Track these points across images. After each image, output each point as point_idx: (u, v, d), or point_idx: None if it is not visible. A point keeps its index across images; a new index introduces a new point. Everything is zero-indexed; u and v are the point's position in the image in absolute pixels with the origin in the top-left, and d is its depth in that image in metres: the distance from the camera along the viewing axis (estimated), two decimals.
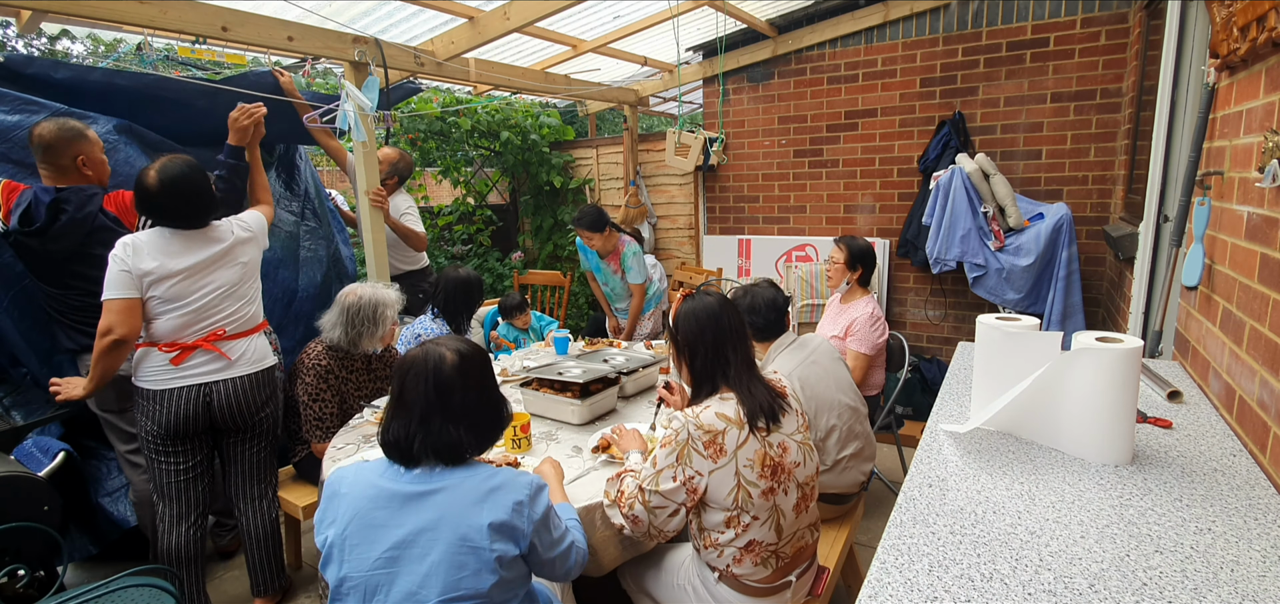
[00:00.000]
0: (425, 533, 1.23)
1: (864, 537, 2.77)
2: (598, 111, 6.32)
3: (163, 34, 3.09)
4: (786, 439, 1.52)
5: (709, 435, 1.45)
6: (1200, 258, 1.72)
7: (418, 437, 1.26)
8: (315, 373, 2.30)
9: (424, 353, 1.31)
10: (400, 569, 1.23)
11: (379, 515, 1.25)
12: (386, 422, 1.31)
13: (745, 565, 1.52)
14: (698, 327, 1.57)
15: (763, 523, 1.49)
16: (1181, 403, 1.63)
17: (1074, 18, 3.64)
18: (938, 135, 4.01)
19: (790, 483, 1.52)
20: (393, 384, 1.32)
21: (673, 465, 1.46)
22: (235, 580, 2.64)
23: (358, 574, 1.24)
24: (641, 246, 4.16)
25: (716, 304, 1.60)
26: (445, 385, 1.28)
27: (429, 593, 1.21)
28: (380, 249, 3.23)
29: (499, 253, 6.15)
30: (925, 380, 4.08)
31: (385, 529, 1.24)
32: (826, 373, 2.12)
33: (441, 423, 1.27)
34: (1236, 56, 1.49)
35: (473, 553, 1.23)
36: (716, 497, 1.47)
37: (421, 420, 1.26)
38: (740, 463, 1.45)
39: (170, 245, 2.05)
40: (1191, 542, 1.04)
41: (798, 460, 1.54)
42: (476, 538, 1.23)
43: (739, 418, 1.47)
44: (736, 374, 1.53)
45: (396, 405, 1.30)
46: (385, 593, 1.23)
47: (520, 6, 3.17)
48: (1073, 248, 3.47)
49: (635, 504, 1.51)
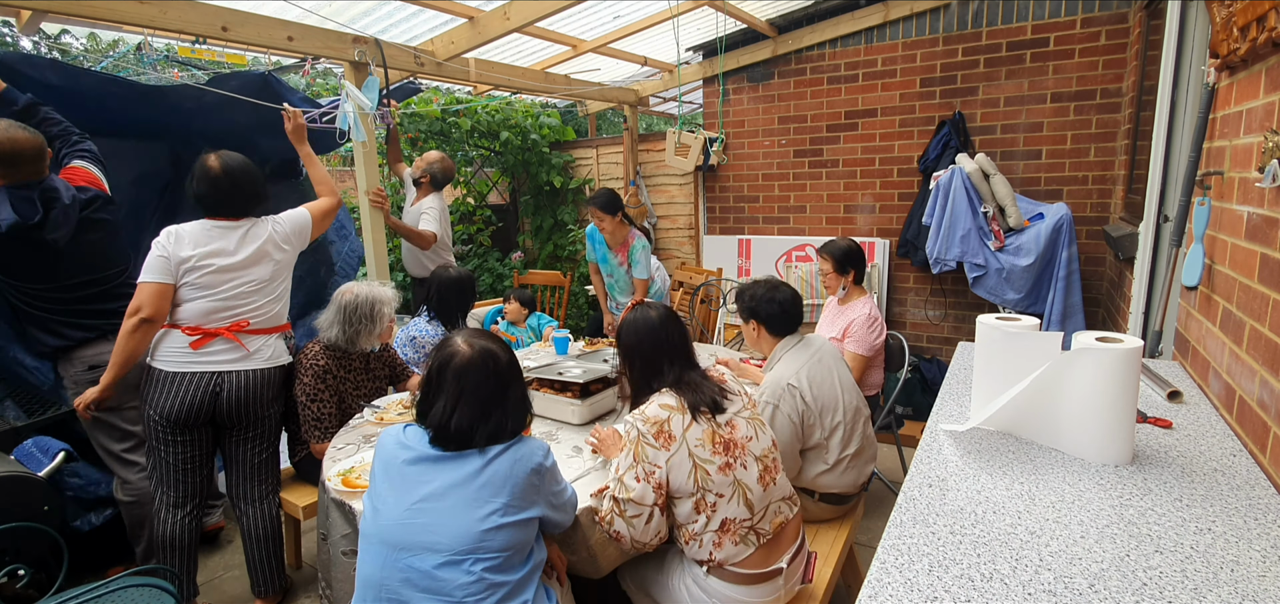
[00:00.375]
0: (453, 489, 1.34)
1: (864, 537, 2.77)
2: (598, 111, 6.32)
3: (163, 34, 3.09)
4: (734, 417, 1.60)
5: (655, 425, 1.53)
6: (1200, 258, 1.72)
7: (479, 427, 1.38)
8: (313, 373, 2.30)
9: (484, 349, 1.44)
10: (427, 519, 1.33)
11: (411, 472, 1.37)
12: (445, 411, 1.38)
13: (726, 548, 1.56)
14: (636, 337, 1.68)
15: (729, 500, 1.55)
16: (1181, 403, 1.63)
17: (1074, 18, 3.64)
18: (938, 135, 4.01)
19: (747, 457, 1.58)
20: (446, 377, 1.41)
21: (632, 465, 1.53)
22: (235, 580, 2.64)
23: (388, 522, 1.35)
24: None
25: (658, 317, 1.69)
26: (507, 378, 1.44)
27: (450, 544, 1.31)
28: (380, 249, 3.23)
29: (499, 253, 6.15)
30: (925, 380, 4.08)
31: (416, 485, 1.35)
32: (831, 372, 2.13)
33: (501, 416, 1.41)
34: (1236, 56, 1.49)
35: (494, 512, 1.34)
36: (678, 483, 1.53)
37: (483, 413, 1.39)
38: (691, 444, 1.52)
39: (210, 236, 2.14)
40: (1191, 542, 1.04)
41: (749, 435, 1.61)
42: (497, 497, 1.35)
43: (681, 406, 1.56)
44: (673, 382, 1.62)
45: (456, 396, 1.39)
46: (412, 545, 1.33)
47: (520, 6, 3.17)
48: (1073, 248, 3.47)
49: (615, 521, 1.56)
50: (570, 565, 1.69)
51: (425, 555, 1.30)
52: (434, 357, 1.45)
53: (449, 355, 1.43)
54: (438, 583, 1.29)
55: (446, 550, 1.30)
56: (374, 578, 1.33)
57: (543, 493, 1.43)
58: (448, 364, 1.42)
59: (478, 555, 1.30)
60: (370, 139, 3.12)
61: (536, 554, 1.45)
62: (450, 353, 1.43)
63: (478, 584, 1.30)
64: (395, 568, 1.32)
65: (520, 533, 1.37)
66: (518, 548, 1.37)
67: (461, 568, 1.29)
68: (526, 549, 1.41)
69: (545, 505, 1.44)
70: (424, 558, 1.30)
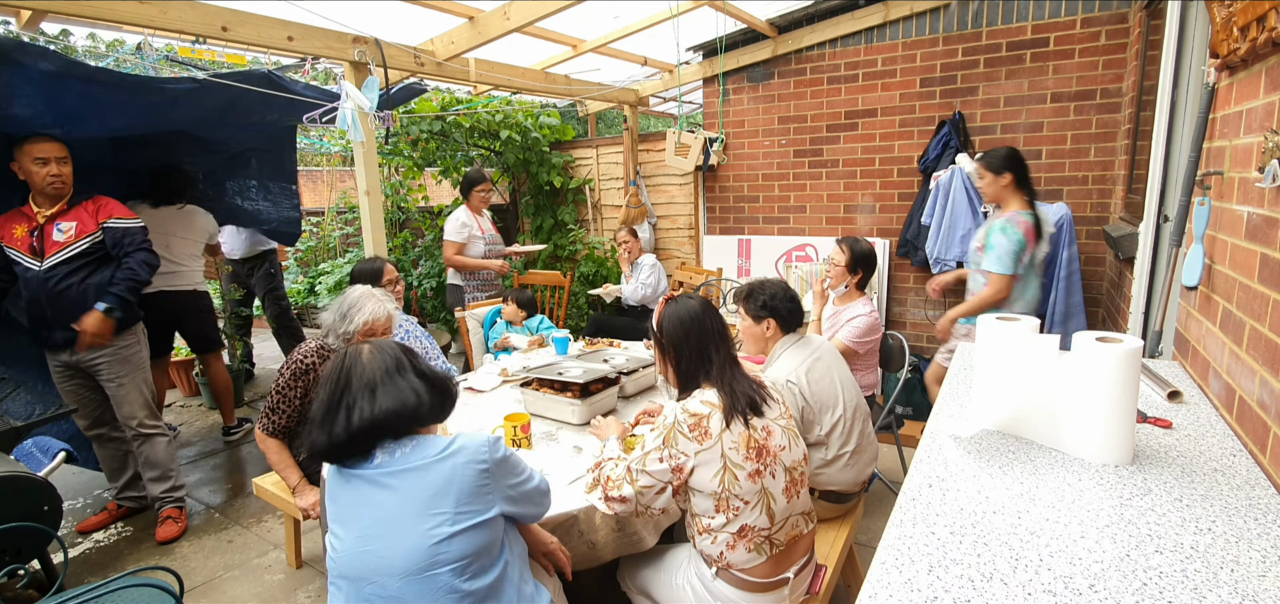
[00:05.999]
0: (396, 507, 1.29)
1: (864, 537, 2.77)
2: (598, 111, 6.32)
3: (163, 34, 3.09)
4: (770, 423, 1.58)
5: (694, 419, 1.52)
6: (1200, 258, 1.72)
7: (386, 421, 1.33)
8: (293, 371, 2.30)
9: (355, 349, 1.41)
10: (376, 545, 1.29)
11: (354, 500, 1.33)
12: (342, 421, 1.32)
13: (739, 552, 1.55)
14: (682, 328, 1.64)
15: (753, 507, 1.53)
16: (1181, 403, 1.63)
17: (1074, 18, 3.64)
18: (938, 135, 4.01)
19: (777, 466, 1.56)
20: (342, 384, 1.36)
21: (660, 449, 1.53)
22: (235, 581, 2.64)
23: (343, 556, 1.31)
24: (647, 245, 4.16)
25: (699, 307, 1.67)
26: (396, 360, 1.40)
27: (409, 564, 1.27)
28: (380, 250, 3.24)
29: None
30: (925, 380, 4.07)
31: (360, 513, 1.31)
32: (831, 370, 2.13)
33: (412, 398, 1.36)
34: (1236, 56, 1.49)
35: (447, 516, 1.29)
36: (703, 480, 1.51)
37: (374, 401, 1.33)
38: (726, 446, 1.50)
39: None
40: (1191, 542, 1.04)
41: (783, 444, 1.59)
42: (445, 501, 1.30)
43: (723, 405, 1.54)
44: (718, 371, 1.60)
45: (349, 399, 1.34)
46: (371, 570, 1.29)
47: (520, 6, 3.17)
48: (1073, 248, 3.47)
49: (623, 485, 1.56)
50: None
51: (385, 580, 1.26)
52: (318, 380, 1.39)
53: (339, 369, 1.39)
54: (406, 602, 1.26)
55: (402, 572, 1.25)
56: None
57: (497, 489, 1.35)
58: (340, 375, 1.37)
59: (437, 568, 1.25)
60: (370, 139, 3.12)
61: (506, 552, 1.38)
62: (338, 367, 1.39)
63: (451, 594, 1.26)
64: (361, 600, 1.28)
65: (480, 536, 1.31)
66: (482, 552, 1.31)
67: (427, 582, 1.25)
68: (494, 550, 1.35)
69: (503, 502, 1.36)
70: (386, 583, 1.26)
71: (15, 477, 1.97)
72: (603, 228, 5.96)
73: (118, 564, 2.76)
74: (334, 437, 1.32)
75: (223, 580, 2.67)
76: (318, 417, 1.35)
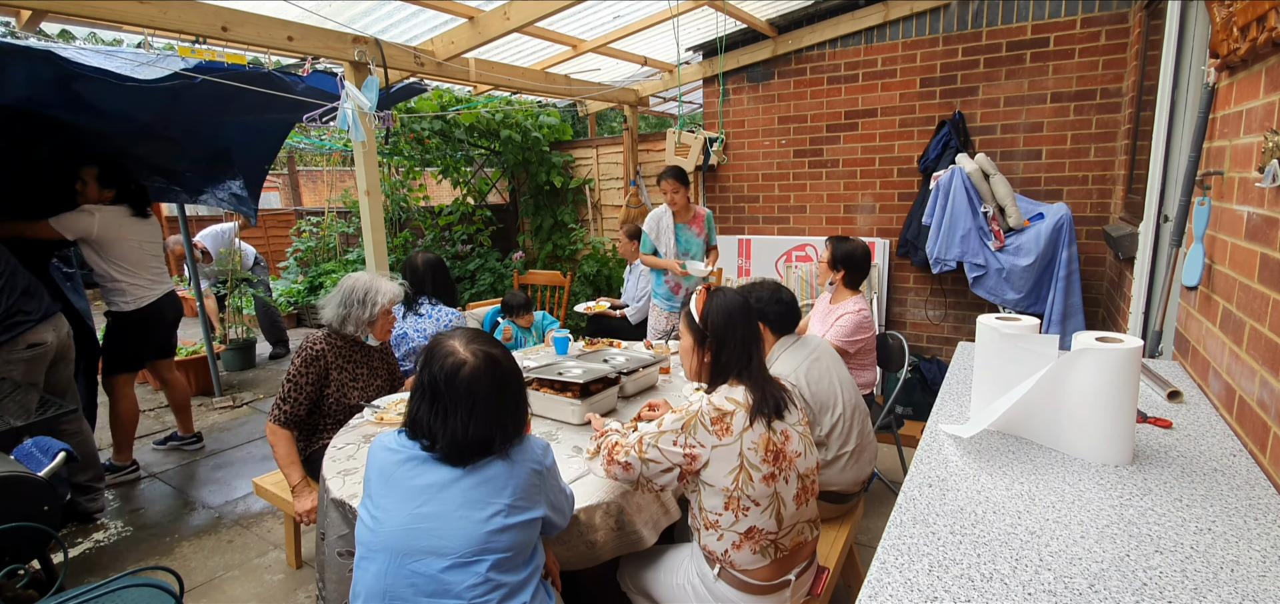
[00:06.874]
0: (456, 491, 1.32)
1: (864, 537, 2.77)
2: (598, 111, 6.32)
3: (163, 34, 3.08)
4: (789, 428, 1.57)
5: (718, 413, 1.51)
6: (1200, 258, 1.72)
7: (497, 435, 1.36)
8: (304, 358, 2.30)
9: (488, 354, 1.39)
10: (432, 523, 1.31)
11: (410, 477, 1.35)
12: (460, 424, 1.33)
13: (744, 553, 1.54)
14: (730, 320, 1.61)
15: (763, 510, 1.52)
16: (1181, 403, 1.63)
17: (1074, 18, 3.64)
18: (938, 135, 4.01)
19: (791, 472, 1.55)
20: (457, 387, 1.34)
21: (677, 433, 1.52)
22: (235, 581, 2.64)
23: (391, 529, 1.32)
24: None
25: (743, 301, 1.65)
26: (512, 380, 1.41)
27: (455, 548, 1.29)
28: (380, 249, 3.24)
29: (499, 253, 6.15)
30: (925, 380, 4.08)
31: (416, 489, 1.33)
32: (829, 371, 2.13)
33: (514, 420, 1.40)
34: (1236, 56, 1.49)
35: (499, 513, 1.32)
36: (716, 474, 1.50)
37: (498, 420, 1.36)
38: (745, 445, 1.49)
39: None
40: (1191, 542, 1.04)
41: (799, 451, 1.58)
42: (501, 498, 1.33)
43: (748, 404, 1.53)
44: (755, 368, 1.60)
45: (470, 408, 1.33)
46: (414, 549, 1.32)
47: (520, 6, 3.17)
48: (1073, 248, 3.47)
49: (630, 453, 1.56)
50: (565, 560, 1.69)
51: (431, 559, 1.28)
52: (431, 363, 1.36)
53: (456, 365, 1.34)
54: (444, 586, 1.28)
55: (453, 553, 1.28)
56: (377, 587, 1.31)
57: (545, 493, 1.42)
58: (455, 374, 1.33)
59: (484, 556, 1.29)
60: (370, 139, 3.11)
61: (538, 556, 1.43)
62: (457, 361, 1.34)
63: (484, 584, 1.29)
64: (400, 575, 1.29)
65: (524, 534, 1.36)
66: (521, 548, 1.36)
67: (469, 569, 1.28)
68: (530, 549, 1.40)
69: (547, 506, 1.42)
70: (430, 562, 1.28)
71: (15, 477, 1.96)
72: (603, 228, 5.96)
73: (118, 564, 2.76)
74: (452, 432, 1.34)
75: (223, 580, 2.67)
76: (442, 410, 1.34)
